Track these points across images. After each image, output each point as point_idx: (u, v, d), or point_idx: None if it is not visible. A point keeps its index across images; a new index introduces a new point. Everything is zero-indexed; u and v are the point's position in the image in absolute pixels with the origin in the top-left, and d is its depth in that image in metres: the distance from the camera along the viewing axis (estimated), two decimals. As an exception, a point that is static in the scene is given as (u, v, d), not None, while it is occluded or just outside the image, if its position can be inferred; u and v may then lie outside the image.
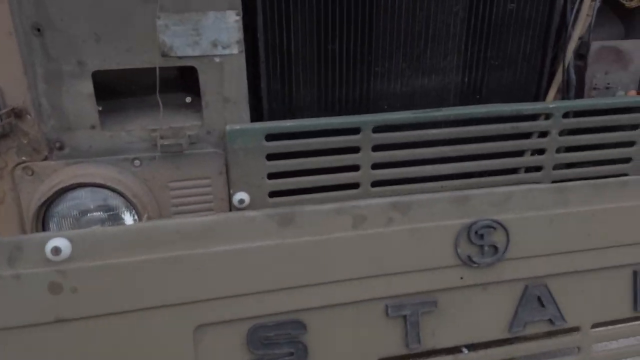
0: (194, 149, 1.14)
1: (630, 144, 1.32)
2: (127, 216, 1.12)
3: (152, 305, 0.86)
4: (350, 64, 1.21)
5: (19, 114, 1.03)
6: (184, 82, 1.19)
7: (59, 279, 0.82)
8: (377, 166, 1.20)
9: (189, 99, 1.17)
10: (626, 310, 1.11)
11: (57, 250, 0.81)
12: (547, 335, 1.09)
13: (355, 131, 1.15)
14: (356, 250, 0.95)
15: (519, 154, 1.28)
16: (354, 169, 1.19)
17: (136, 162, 1.12)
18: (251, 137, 1.11)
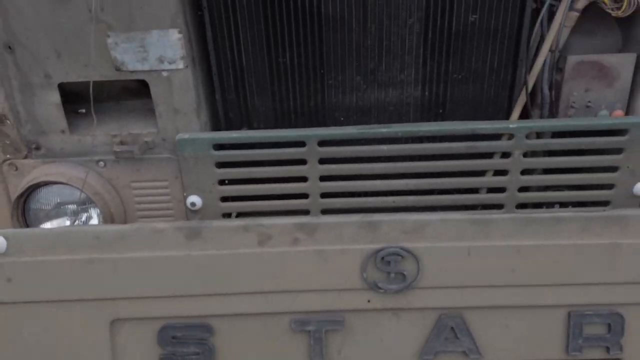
0: (151, 154, 1.25)
1: (613, 169, 1.20)
2: (92, 211, 1.27)
3: (73, 298, 1.00)
4: (302, 76, 1.23)
5: (0, 119, 1.20)
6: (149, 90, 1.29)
7: (2, 269, 0.98)
8: (327, 178, 1.22)
9: None
10: (557, 352, 1.05)
11: (-6, 246, 0.96)
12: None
13: (301, 144, 1.18)
14: (261, 266, 1.00)
15: (480, 173, 1.23)
16: (304, 180, 1.22)
17: (101, 164, 1.26)
18: (199, 146, 1.19)
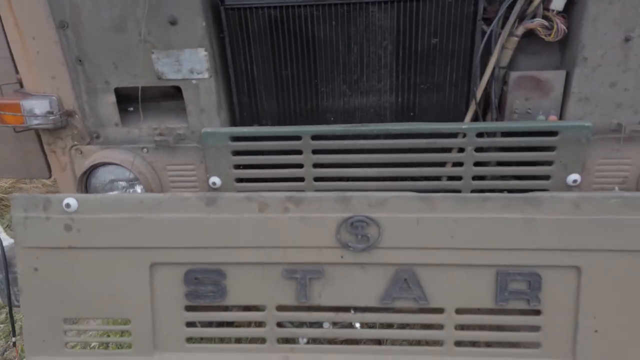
0: (182, 144, 1.60)
1: (549, 163, 1.49)
2: (137, 187, 1.64)
3: (123, 246, 1.35)
4: (300, 85, 1.56)
5: (70, 114, 1.58)
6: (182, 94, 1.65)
7: (70, 222, 1.35)
8: (319, 165, 1.55)
9: None
10: (488, 302, 1.35)
11: (68, 205, 1.33)
12: (418, 311, 1.38)
13: (298, 138, 1.52)
14: (260, 227, 1.34)
15: (441, 164, 1.53)
16: (300, 166, 1.56)
17: (144, 150, 1.62)
18: (220, 138, 1.54)
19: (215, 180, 1.58)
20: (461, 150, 1.50)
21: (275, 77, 1.56)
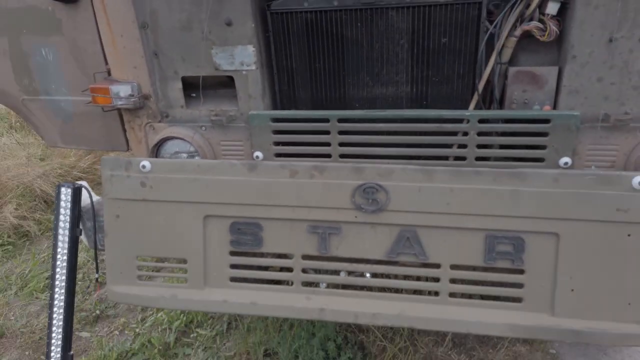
0: (233, 124, 1.95)
1: (543, 148, 1.71)
2: (196, 157, 2.00)
3: (184, 200, 1.71)
4: (330, 77, 1.87)
5: (146, 97, 1.96)
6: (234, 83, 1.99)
7: (145, 180, 1.72)
8: (344, 144, 1.85)
9: None
10: (478, 260, 1.59)
11: (144, 166, 1.71)
12: (418, 265, 1.65)
13: (327, 120, 1.82)
14: (291, 189, 1.65)
15: (449, 146, 1.79)
16: (327, 144, 1.86)
17: (203, 128, 1.99)
18: (263, 119, 1.87)
19: (258, 154, 1.92)
20: (465, 134, 1.74)
21: (309, 69, 1.88)
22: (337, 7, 1.75)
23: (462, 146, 1.76)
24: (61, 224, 1.89)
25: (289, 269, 1.72)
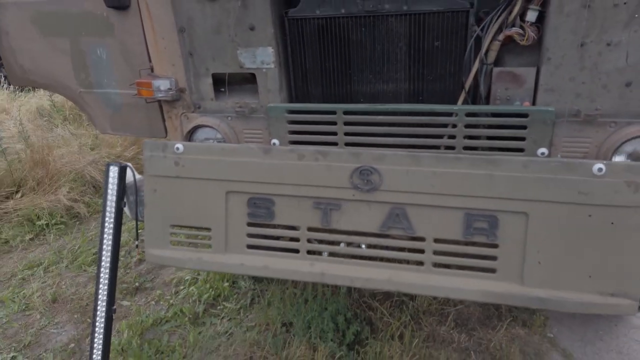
0: (254, 115, 2.26)
1: (523, 139, 1.93)
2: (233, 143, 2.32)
3: (211, 178, 2.03)
4: (338, 74, 2.14)
5: (182, 90, 2.30)
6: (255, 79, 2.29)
7: (178, 160, 2.05)
8: (349, 134, 2.12)
9: None
10: (458, 235, 1.83)
11: (178, 148, 2.04)
12: (406, 238, 1.90)
13: (334, 113, 2.10)
14: (298, 170, 1.94)
15: (440, 137, 2.03)
16: (334, 134, 2.14)
17: (229, 118, 2.30)
18: (280, 111, 2.17)
19: (275, 141, 2.22)
20: (454, 126, 1.99)
21: (320, 68, 2.16)
22: (344, 15, 2.03)
23: (452, 137, 2.00)
24: (109, 197, 2.24)
25: (296, 239, 2.01)
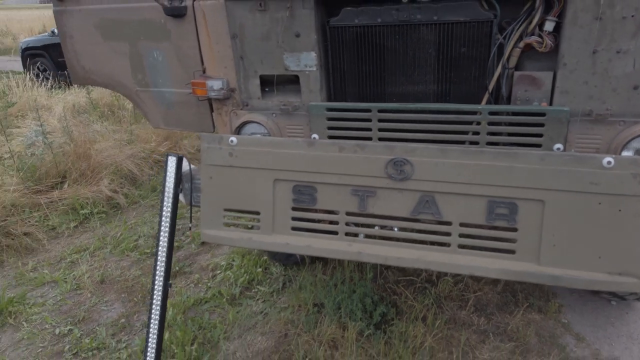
0: (297, 112, 2.52)
1: (541, 136, 2.16)
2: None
3: (261, 167, 2.30)
4: (373, 77, 2.39)
5: (232, 90, 2.57)
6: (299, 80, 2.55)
7: (232, 151, 2.32)
8: (383, 130, 2.37)
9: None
10: (481, 220, 2.07)
11: (232, 141, 2.31)
12: (435, 222, 2.15)
13: (369, 111, 2.35)
14: (339, 161, 2.20)
15: (465, 133, 2.27)
16: (369, 130, 2.39)
17: (274, 115, 2.57)
18: (320, 109, 2.43)
19: (315, 136, 2.48)
20: (478, 124, 2.22)
21: (357, 71, 2.42)
22: (380, 24, 2.28)
23: (476, 133, 2.24)
24: (167, 184, 2.53)
25: (335, 222, 2.27)
